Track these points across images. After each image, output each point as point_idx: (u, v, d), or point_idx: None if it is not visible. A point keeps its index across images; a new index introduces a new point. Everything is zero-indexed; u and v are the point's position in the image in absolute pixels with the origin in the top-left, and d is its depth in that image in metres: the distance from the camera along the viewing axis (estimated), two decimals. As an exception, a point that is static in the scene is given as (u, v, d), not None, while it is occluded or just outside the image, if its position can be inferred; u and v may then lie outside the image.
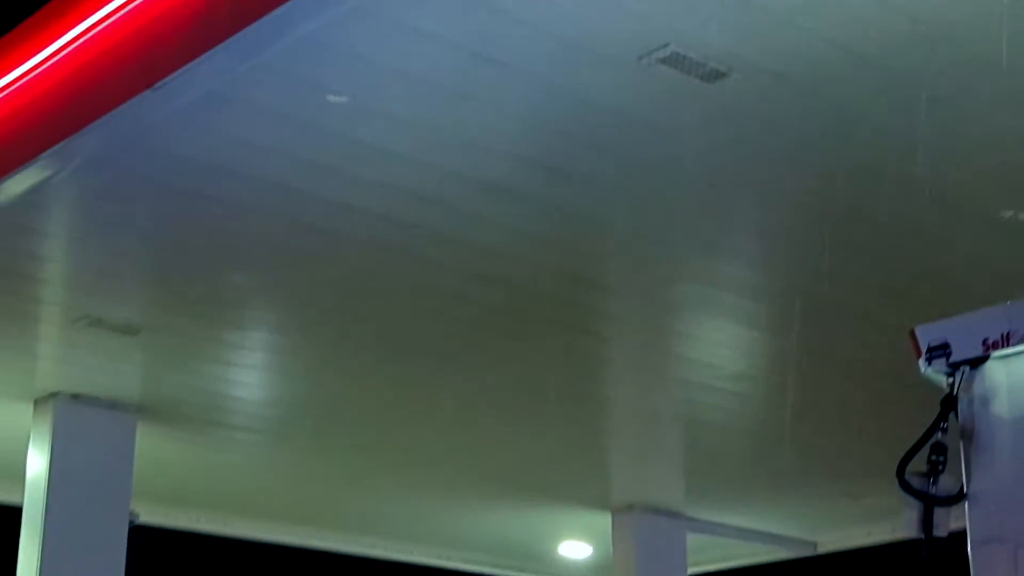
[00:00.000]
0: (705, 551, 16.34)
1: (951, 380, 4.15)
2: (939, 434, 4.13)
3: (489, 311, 9.82)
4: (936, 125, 7.09)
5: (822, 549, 16.51)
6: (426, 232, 8.49)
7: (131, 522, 11.91)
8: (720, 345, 10.67)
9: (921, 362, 4.26)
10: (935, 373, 4.23)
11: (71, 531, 11.46)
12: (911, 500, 4.12)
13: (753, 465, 13.67)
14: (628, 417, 12.44)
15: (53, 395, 11.51)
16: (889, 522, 15.14)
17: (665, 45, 6.41)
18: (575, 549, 16.83)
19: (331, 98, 6.72)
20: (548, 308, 9.76)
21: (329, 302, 9.69)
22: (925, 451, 4.17)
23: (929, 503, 4.08)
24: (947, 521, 4.14)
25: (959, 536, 4.12)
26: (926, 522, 4.06)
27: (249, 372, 11.33)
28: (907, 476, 4.11)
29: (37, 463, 11.62)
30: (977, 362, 4.12)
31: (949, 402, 4.13)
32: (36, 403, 11.64)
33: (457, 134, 7.33)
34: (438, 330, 10.23)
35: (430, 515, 15.77)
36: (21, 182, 7.77)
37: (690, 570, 15.79)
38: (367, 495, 15.02)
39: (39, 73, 7.53)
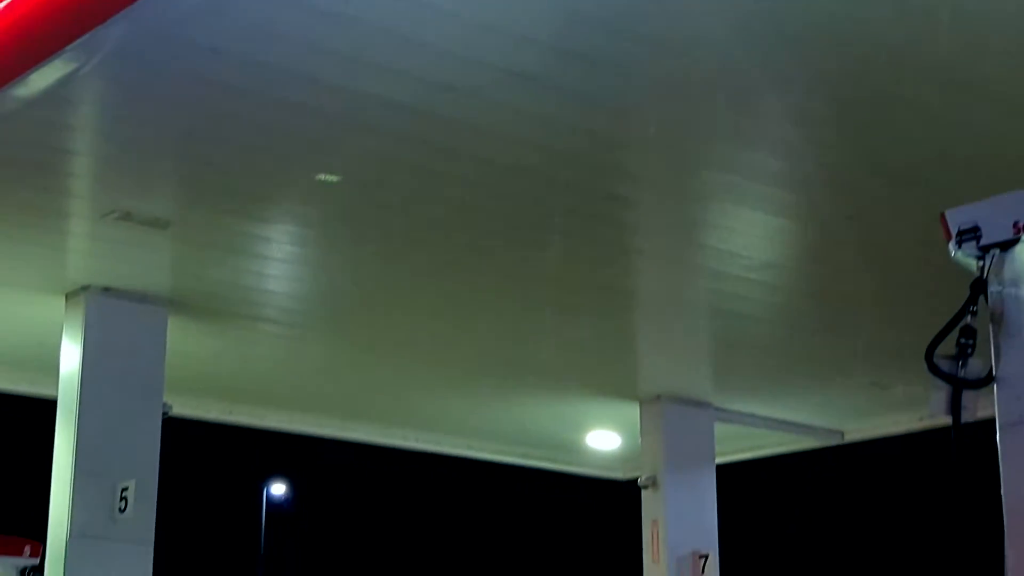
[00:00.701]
0: (733, 441, 16.45)
1: (981, 263, 4.15)
2: (968, 317, 4.14)
3: (514, 201, 9.81)
4: (961, 6, 7.02)
5: (849, 438, 16.59)
6: (448, 121, 8.47)
7: (164, 414, 12.04)
8: (746, 234, 10.64)
9: (951, 245, 4.26)
10: (965, 256, 4.23)
11: (105, 423, 11.59)
12: (940, 383, 4.14)
13: (780, 355, 13.71)
14: (655, 307, 12.46)
15: (84, 288, 11.59)
16: (916, 411, 15.20)
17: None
18: (603, 439, 16.96)
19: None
20: (573, 198, 9.74)
21: (356, 193, 9.69)
22: (954, 335, 4.19)
23: (957, 386, 4.10)
24: (975, 404, 4.16)
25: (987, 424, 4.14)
26: (954, 405, 4.09)
27: (278, 265, 11.37)
28: (936, 359, 4.13)
29: (70, 356, 11.73)
30: (1007, 245, 4.12)
31: (978, 285, 4.14)
32: (68, 297, 11.74)
33: (478, 20, 7.28)
34: (465, 222, 10.23)
35: (459, 406, 15.90)
36: (47, 76, 7.77)
37: (718, 460, 15.90)
38: (396, 387, 15.13)
39: (63, -35, 7.50)
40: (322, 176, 6.76)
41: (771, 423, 16.04)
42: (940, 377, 4.12)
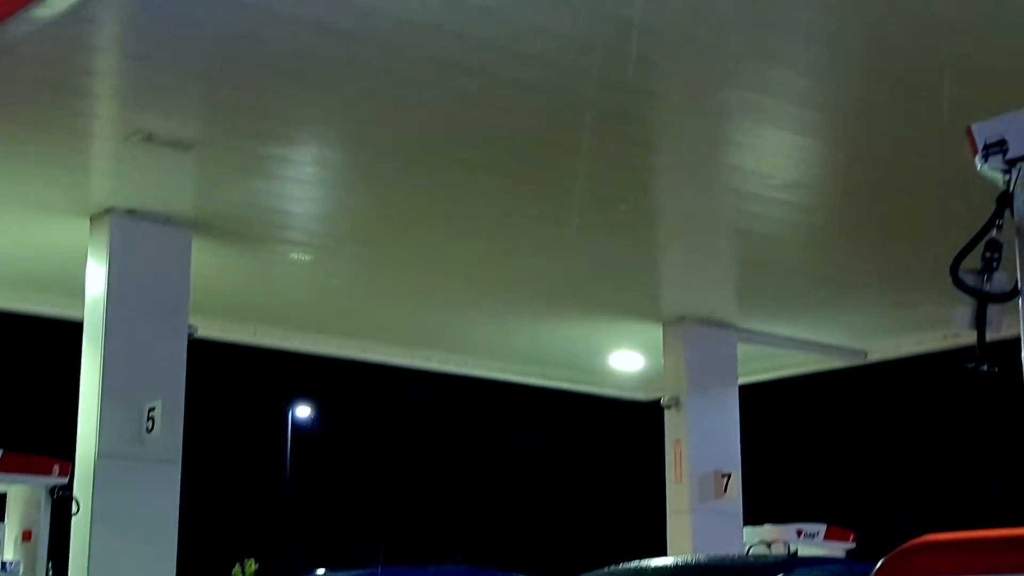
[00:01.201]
0: (756, 361, 16.49)
1: (1007, 177, 4.13)
2: (994, 231, 4.12)
3: (538, 122, 9.78)
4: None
5: (872, 358, 16.61)
6: (475, 41, 8.43)
7: (189, 335, 12.10)
8: (771, 153, 10.60)
9: (977, 159, 4.23)
10: (991, 170, 4.20)
11: (131, 345, 11.66)
12: (965, 297, 4.13)
13: (804, 275, 13.69)
14: (679, 228, 12.45)
15: (108, 211, 11.62)
16: (940, 330, 15.20)
17: None
18: (626, 360, 17.01)
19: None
20: (599, 118, 9.70)
21: (376, 114, 9.67)
22: (980, 249, 4.17)
23: (983, 299, 4.09)
24: (1000, 318, 4.15)
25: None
26: (979, 318, 4.08)
27: (301, 187, 11.37)
28: (961, 274, 4.12)
29: (96, 279, 11.79)
30: (1034, 158, 4.09)
31: (1005, 199, 4.12)
32: (92, 219, 11.77)
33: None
34: (489, 143, 10.21)
35: (482, 328, 15.95)
36: (68, -6, 7.75)
37: (741, 380, 15.95)
38: (420, 309, 15.18)
39: None
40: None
41: (794, 343, 16.06)
42: (965, 291, 4.11)
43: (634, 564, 6.27)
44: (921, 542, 3.15)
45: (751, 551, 14.93)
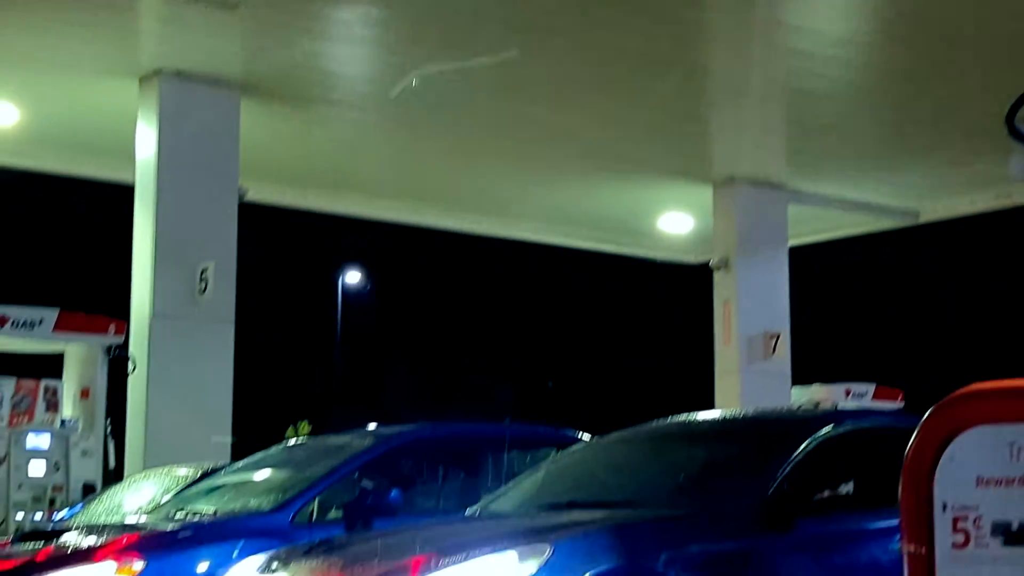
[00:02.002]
0: (806, 222, 16.41)
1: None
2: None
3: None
4: None
5: (924, 218, 16.49)
6: None
7: (240, 198, 12.16)
8: (824, 9, 10.46)
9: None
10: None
11: (183, 207, 11.74)
12: (1019, 146, 4.09)
13: (856, 134, 13.57)
14: (730, 87, 12.34)
15: (157, 72, 11.62)
16: (993, 190, 15.07)
17: None
18: (675, 222, 16.96)
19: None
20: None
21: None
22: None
23: (1038, 147, 4.05)
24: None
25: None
26: (1034, 167, 4.05)
27: (349, 46, 11.32)
28: (1016, 122, 4.08)
29: (146, 141, 11.83)
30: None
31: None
32: (141, 81, 11.78)
33: None
34: (542, 3, 10.11)
35: (532, 191, 15.92)
36: None
37: (792, 242, 15.90)
38: (469, 172, 15.16)
39: None
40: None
41: (845, 204, 15.96)
42: (1020, 140, 4.07)
43: (682, 417, 6.34)
44: (969, 390, 3.16)
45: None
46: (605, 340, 39.01)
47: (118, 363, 11.45)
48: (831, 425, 5.62)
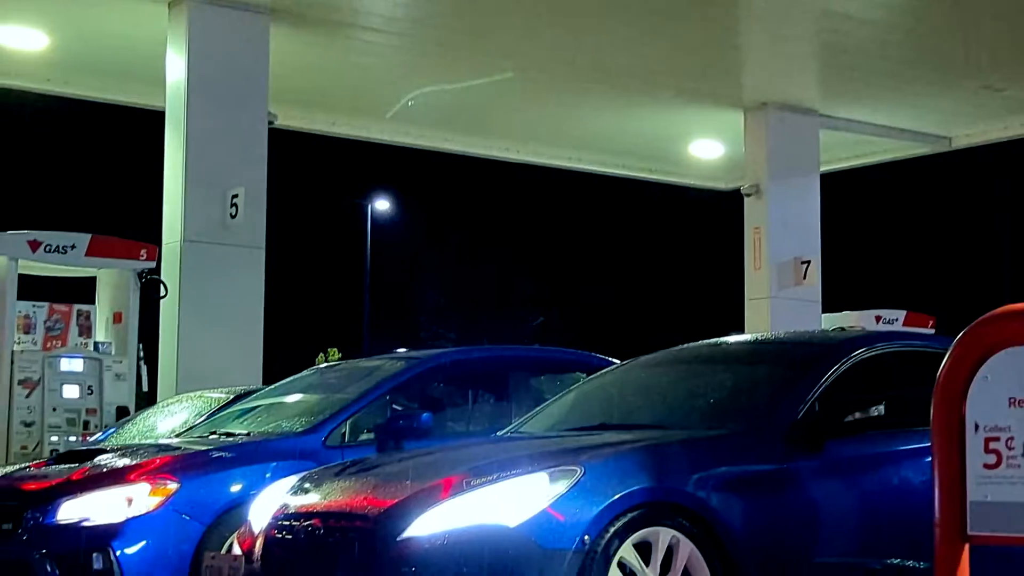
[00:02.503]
0: (838, 148, 16.33)
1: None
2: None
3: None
4: None
5: (957, 144, 16.38)
6: None
7: (269, 123, 12.15)
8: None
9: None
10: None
11: (212, 132, 11.75)
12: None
13: (889, 58, 13.44)
14: (762, 10, 12.24)
15: (186, -4, 11.62)
16: (1027, 115, 14.96)
17: None
18: (706, 148, 16.89)
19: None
20: None
21: None
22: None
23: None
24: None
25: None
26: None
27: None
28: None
29: (175, 66, 11.83)
30: None
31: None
32: (170, 6, 11.77)
33: None
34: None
35: (563, 117, 15.85)
36: None
37: (823, 168, 15.83)
38: (500, 99, 15.08)
39: None
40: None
41: (877, 129, 15.86)
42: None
43: (713, 340, 6.34)
44: (1003, 311, 3.16)
45: (830, 335, 14.98)
46: (636, 266, 38.97)
47: (149, 287, 11.51)
48: (863, 347, 5.61)
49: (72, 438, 10.87)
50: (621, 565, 4.62)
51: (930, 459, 3.20)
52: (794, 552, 4.97)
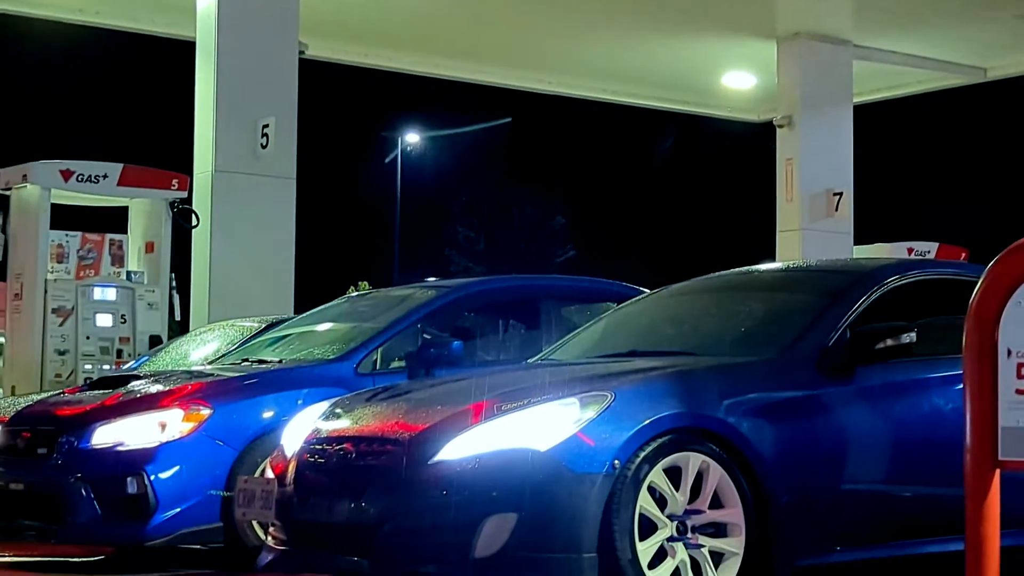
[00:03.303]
0: (871, 79, 16.20)
1: None
2: None
3: None
4: None
5: (992, 75, 16.24)
6: None
7: (300, 53, 12.12)
8: None
9: None
10: None
11: (243, 62, 11.74)
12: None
13: (924, -14, 13.33)
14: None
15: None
16: (1065, 46, 14.81)
17: None
18: (739, 79, 16.78)
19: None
20: None
21: None
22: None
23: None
24: None
25: None
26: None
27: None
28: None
29: (206, -5, 11.83)
30: None
31: None
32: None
33: None
34: None
35: (595, 48, 15.76)
36: None
37: (856, 99, 15.71)
38: (532, 29, 15.01)
39: None
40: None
41: (911, 60, 15.73)
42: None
43: (744, 268, 6.33)
44: (1036, 238, 3.14)
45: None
46: (667, 197, 38.86)
47: (181, 216, 11.55)
48: (896, 275, 5.59)
49: (105, 366, 10.95)
50: (651, 489, 4.63)
51: (961, 386, 3.19)
52: (824, 478, 4.97)
